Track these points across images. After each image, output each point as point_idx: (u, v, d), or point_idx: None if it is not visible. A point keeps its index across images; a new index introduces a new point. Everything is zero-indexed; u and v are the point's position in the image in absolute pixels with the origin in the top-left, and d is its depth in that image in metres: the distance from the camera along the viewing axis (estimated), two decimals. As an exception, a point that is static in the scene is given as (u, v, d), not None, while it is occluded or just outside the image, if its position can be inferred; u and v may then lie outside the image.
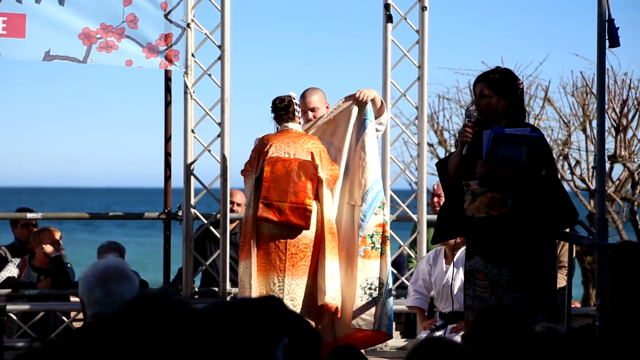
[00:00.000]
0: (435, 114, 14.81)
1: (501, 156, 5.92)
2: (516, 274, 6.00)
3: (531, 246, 6.00)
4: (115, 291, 4.00)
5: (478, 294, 6.07)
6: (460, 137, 6.16)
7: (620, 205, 13.32)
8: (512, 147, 5.90)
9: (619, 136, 12.63)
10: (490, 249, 6.05)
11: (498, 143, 5.89)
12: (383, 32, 8.53)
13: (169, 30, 8.26)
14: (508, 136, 5.90)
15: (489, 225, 6.05)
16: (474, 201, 6.12)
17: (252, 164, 7.41)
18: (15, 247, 9.09)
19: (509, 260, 6.00)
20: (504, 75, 6.19)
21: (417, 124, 8.66)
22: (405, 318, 8.98)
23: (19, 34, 8.02)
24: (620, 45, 5.37)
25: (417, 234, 8.57)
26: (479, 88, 6.18)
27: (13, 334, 8.46)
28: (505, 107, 6.15)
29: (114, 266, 4.07)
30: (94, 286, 4.01)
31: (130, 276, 4.04)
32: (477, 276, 6.09)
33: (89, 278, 4.03)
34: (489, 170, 5.95)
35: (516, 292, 5.99)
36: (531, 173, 5.93)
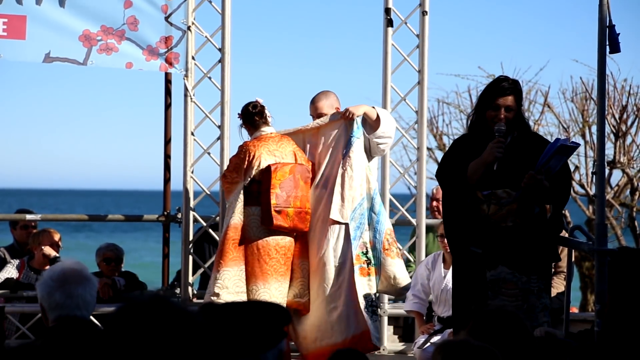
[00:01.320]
0: (434, 118, 14.82)
1: (547, 167, 5.94)
2: (543, 280, 6.07)
3: (550, 252, 6.11)
4: (75, 293, 4.01)
5: (507, 303, 6.00)
6: (494, 151, 6.06)
7: (619, 211, 13.32)
8: (560, 158, 5.96)
9: (618, 142, 12.64)
10: (518, 257, 6.03)
11: (554, 154, 5.93)
12: (383, 36, 8.54)
13: (169, 33, 8.27)
14: (567, 148, 5.97)
15: (516, 233, 6.02)
16: (501, 210, 6.06)
17: (238, 172, 7.40)
18: (14, 249, 9.09)
19: (537, 268, 6.05)
20: (519, 86, 6.27)
21: (417, 128, 8.66)
22: (403, 322, 8.98)
23: (20, 35, 8.03)
24: (620, 51, 5.38)
25: (416, 238, 8.57)
26: (504, 101, 6.13)
27: (11, 335, 8.46)
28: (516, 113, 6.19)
29: (71, 268, 4.06)
30: (54, 290, 4.02)
31: (89, 277, 4.04)
32: (505, 286, 6.03)
33: (48, 282, 4.03)
34: (538, 181, 5.95)
35: (544, 297, 6.06)
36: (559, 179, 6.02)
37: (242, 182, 7.37)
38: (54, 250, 8.62)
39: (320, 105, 7.65)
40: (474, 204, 6.12)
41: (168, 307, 2.26)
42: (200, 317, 2.24)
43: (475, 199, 6.11)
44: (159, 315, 2.24)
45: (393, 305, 8.50)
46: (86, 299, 4.00)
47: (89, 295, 4.02)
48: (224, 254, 7.34)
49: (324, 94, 7.73)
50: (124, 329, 2.22)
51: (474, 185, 6.12)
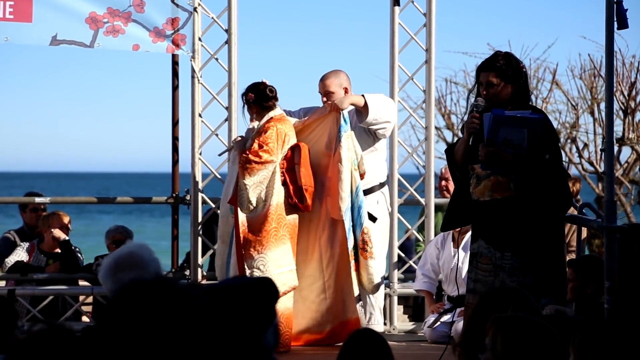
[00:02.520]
0: (442, 97, 14.80)
1: (502, 139, 5.87)
2: (518, 258, 5.96)
3: (534, 230, 5.96)
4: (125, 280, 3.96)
5: (480, 278, 6.05)
6: (467, 127, 6.10)
7: (628, 188, 13.30)
8: (513, 130, 5.85)
9: (627, 119, 12.61)
10: (494, 233, 6.03)
11: (498, 125, 5.85)
12: (390, 15, 8.51)
13: (175, 15, 8.25)
14: (507, 118, 5.86)
15: (493, 208, 6.03)
16: (479, 185, 6.10)
17: (273, 151, 7.40)
18: (24, 232, 9.11)
19: (511, 244, 5.97)
20: (508, 60, 6.13)
21: (425, 108, 8.64)
22: (413, 302, 8.99)
23: (26, 18, 8.02)
24: (628, 27, 5.34)
25: (425, 217, 8.57)
26: (485, 77, 6.10)
27: (22, 317, 8.49)
28: (511, 93, 6.11)
29: (125, 254, 4.02)
30: (107, 278, 3.99)
31: (143, 264, 3.96)
32: (480, 260, 6.07)
33: (104, 270, 4.00)
34: (490, 153, 5.91)
35: (518, 276, 5.95)
36: (533, 156, 5.90)
37: (276, 161, 7.40)
38: (64, 233, 8.63)
39: (329, 82, 7.63)
40: (467, 180, 6.20)
41: (169, 287, 2.26)
42: (203, 299, 2.24)
43: (468, 175, 6.19)
44: (160, 296, 2.23)
45: (403, 285, 8.51)
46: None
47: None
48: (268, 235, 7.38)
49: (334, 73, 7.70)
50: (125, 311, 2.22)
51: (461, 163, 6.16)
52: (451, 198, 6.44)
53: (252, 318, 3.15)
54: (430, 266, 8.00)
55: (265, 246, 7.35)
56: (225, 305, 2.99)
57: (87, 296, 8.70)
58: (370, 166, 7.60)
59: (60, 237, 8.59)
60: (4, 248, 8.83)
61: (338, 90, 7.60)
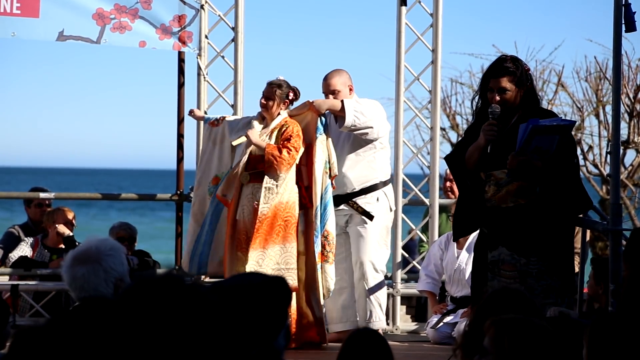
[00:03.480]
0: (447, 98, 14.78)
1: (534, 147, 5.84)
2: (545, 262, 5.93)
3: (557, 233, 5.96)
4: (78, 274, 3.98)
5: (505, 285, 5.91)
6: (486, 135, 5.98)
7: (632, 191, 13.28)
8: (546, 137, 5.82)
9: (632, 122, 12.59)
10: (518, 239, 5.96)
11: (534, 135, 5.80)
12: (397, 15, 8.51)
13: (182, 12, 8.26)
14: (544, 128, 5.82)
15: (517, 214, 5.96)
16: (499, 191, 6.00)
17: (299, 150, 7.48)
18: (29, 227, 9.12)
19: (537, 249, 5.93)
20: (517, 64, 6.09)
21: (430, 108, 8.64)
22: (416, 302, 8.99)
23: (33, 13, 8.03)
24: (636, 29, 5.34)
25: (429, 218, 8.56)
26: (496, 83, 6.03)
27: (25, 312, 8.50)
28: (521, 96, 6.07)
29: (83, 249, 4.04)
30: (64, 271, 4.04)
31: (98, 258, 3.98)
32: (503, 267, 5.98)
33: (64, 263, 4.04)
34: (522, 162, 5.85)
35: (546, 279, 5.92)
36: (560, 160, 5.88)
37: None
38: (68, 229, 8.64)
39: (333, 82, 7.62)
40: (478, 186, 6.10)
41: (180, 285, 2.25)
42: (213, 297, 2.22)
43: (479, 181, 6.10)
44: (171, 293, 2.22)
45: (406, 285, 8.51)
46: (90, 281, 3.95)
47: (94, 278, 3.95)
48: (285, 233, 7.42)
49: (337, 72, 7.69)
50: (135, 308, 2.21)
51: (473, 168, 6.09)
52: (459, 204, 6.37)
53: (265, 320, 3.13)
54: (434, 267, 8.00)
55: (268, 242, 7.34)
56: (238, 305, 2.97)
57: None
58: (368, 164, 7.57)
59: (64, 233, 8.59)
60: (8, 243, 8.83)
61: (343, 89, 7.59)
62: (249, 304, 3.11)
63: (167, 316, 2.19)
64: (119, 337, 2.17)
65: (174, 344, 2.17)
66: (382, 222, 7.62)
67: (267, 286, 3.23)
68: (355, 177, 7.57)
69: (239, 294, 3.11)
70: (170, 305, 2.20)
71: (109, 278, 3.98)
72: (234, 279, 3.53)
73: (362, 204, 7.56)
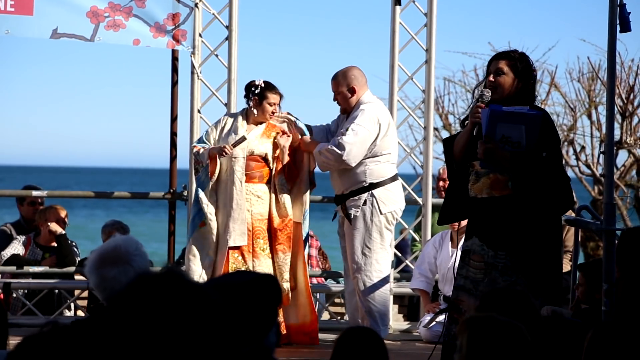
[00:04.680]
0: (440, 97, 14.79)
1: (500, 135, 5.79)
2: (512, 258, 5.90)
3: (531, 230, 5.90)
4: (109, 276, 3.94)
5: (471, 275, 5.99)
6: (471, 117, 6.01)
7: (624, 192, 13.31)
8: (510, 126, 5.77)
9: (624, 122, 12.62)
10: (489, 231, 5.97)
11: (496, 121, 5.77)
12: (391, 14, 8.51)
13: (176, 10, 8.25)
14: (505, 114, 5.78)
15: (490, 206, 5.97)
16: (477, 182, 6.04)
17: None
18: (21, 225, 9.11)
19: (506, 244, 5.92)
20: (523, 56, 6.12)
21: (424, 108, 8.65)
22: (408, 301, 9.00)
23: (27, 11, 8.02)
24: (631, 30, 5.33)
25: (422, 217, 8.57)
26: (495, 65, 6.05)
27: (17, 311, 8.49)
28: (517, 89, 6.06)
29: (110, 248, 4.00)
30: (91, 273, 3.99)
31: (128, 258, 3.95)
32: (472, 257, 6.00)
33: (89, 264, 4.01)
34: (488, 150, 5.84)
35: (510, 276, 5.89)
36: (532, 154, 5.84)
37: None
38: (60, 227, 8.63)
39: (333, 85, 7.58)
40: (465, 174, 6.14)
41: (181, 281, 2.24)
42: (215, 294, 2.22)
43: (465, 169, 6.14)
44: (173, 289, 2.22)
45: (398, 284, 8.51)
46: (121, 281, 3.89)
47: (125, 278, 3.88)
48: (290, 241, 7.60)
49: (342, 72, 7.57)
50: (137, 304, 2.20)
51: (461, 156, 6.10)
52: (447, 191, 6.38)
53: (257, 317, 3.13)
54: (428, 265, 8.00)
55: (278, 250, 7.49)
56: (231, 303, 2.97)
57: (83, 290, 8.70)
58: (358, 167, 7.47)
59: (56, 231, 8.59)
60: (0, 241, 8.82)
61: (344, 91, 7.50)
62: (239, 302, 3.12)
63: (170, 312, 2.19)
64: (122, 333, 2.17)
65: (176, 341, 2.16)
66: (370, 225, 7.49)
67: (257, 284, 3.24)
68: (344, 179, 7.53)
69: (230, 292, 3.12)
70: (173, 302, 2.20)
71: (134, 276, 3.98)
72: (225, 277, 3.54)
73: (349, 206, 7.52)
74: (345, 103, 7.52)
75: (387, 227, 7.55)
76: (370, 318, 7.46)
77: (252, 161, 7.51)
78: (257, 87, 7.54)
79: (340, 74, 7.55)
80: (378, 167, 7.53)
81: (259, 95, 7.52)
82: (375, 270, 7.49)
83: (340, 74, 7.55)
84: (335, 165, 7.44)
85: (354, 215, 7.47)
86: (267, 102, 7.53)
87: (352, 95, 7.51)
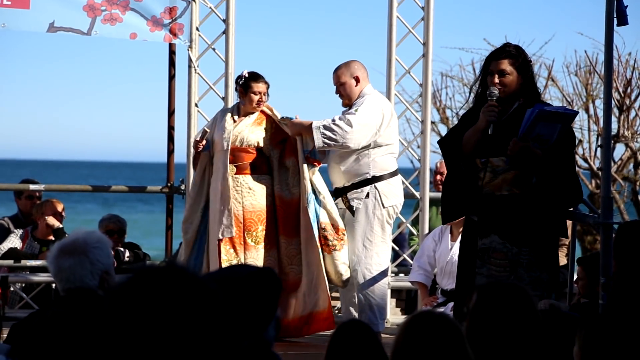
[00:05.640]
0: (437, 91, 14.79)
1: (535, 134, 5.82)
2: (536, 254, 5.92)
3: (549, 225, 5.94)
4: (64, 266, 3.99)
5: (494, 273, 5.94)
6: (487, 116, 5.97)
7: (621, 185, 13.32)
8: (548, 125, 5.81)
9: (622, 116, 12.63)
10: (511, 228, 5.94)
11: (539, 121, 5.78)
12: (388, 8, 8.51)
13: (173, 4, 8.25)
14: (549, 114, 5.81)
15: (511, 203, 5.95)
16: (495, 178, 6.00)
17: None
18: (18, 219, 9.11)
19: (530, 240, 5.92)
20: (519, 50, 6.11)
21: (421, 102, 8.64)
22: (406, 295, 9.00)
23: (24, 4, 8.00)
24: (628, 23, 5.33)
25: (420, 211, 8.57)
26: (496, 65, 6.03)
27: (15, 304, 8.49)
28: (521, 84, 6.06)
29: (70, 240, 4.05)
30: (50, 262, 4.05)
31: (85, 250, 3.99)
32: (494, 255, 5.96)
33: (49, 254, 4.08)
34: (523, 149, 5.83)
35: (535, 271, 5.91)
36: (558, 151, 5.87)
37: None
38: (58, 221, 8.63)
39: (339, 73, 7.53)
40: (472, 172, 6.09)
41: (183, 274, 2.24)
42: (216, 286, 2.21)
43: (473, 167, 6.09)
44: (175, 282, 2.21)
45: (396, 279, 8.51)
46: (76, 272, 3.96)
47: (80, 269, 3.95)
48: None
49: (345, 64, 7.57)
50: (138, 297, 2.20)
51: (470, 153, 6.07)
52: (448, 188, 6.32)
53: (256, 311, 3.13)
54: (427, 258, 7.99)
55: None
56: (231, 296, 2.96)
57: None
58: (360, 159, 7.44)
59: (54, 225, 8.59)
60: (-2, 235, 8.83)
61: (348, 80, 7.48)
62: (239, 295, 3.11)
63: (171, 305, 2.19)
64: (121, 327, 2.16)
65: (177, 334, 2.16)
66: (372, 218, 7.49)
67: (256, 277, 3.24)
68: (346, 171, 7.52)
69: (230, 285, 3.11)
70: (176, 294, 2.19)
71: (95, 270, 3.99)
72: (224, 271, 3.53)
73: (351, 198, 7.52)
74: (350, 93, 7.47)
75: (389, 220, 7.55)
76: (369, 311, 7.44)
77: (243, 152, 7.49)
78: (242, 78, 7.56)
79: (342, 65, 7.56)
80: (382, 159, 7.51)
81: (243, 86, 7.53)
82: (375, 264, 7.48)
83: (342, 65, 7.56)
84: (337, 143, 7.35)
85: (356, 208, 7.46)
86: (251, 92, 7.51)
87: (357, 84, 7.50)
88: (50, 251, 4.09)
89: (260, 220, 7.45)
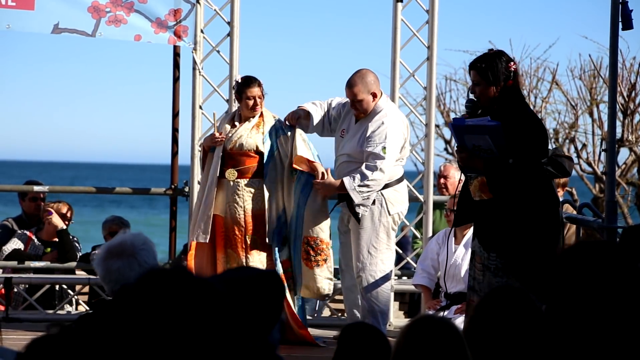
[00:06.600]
0: (442, 95, 14.80)
1: (471, 145, 5.97)
2: (502, 259, 6.03)
3: (518, 231, 5.97)
4: (113, 268, 4.02)
5: (476, 276, 6.17)
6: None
7: (625, 190, 13.31)
8: (477, 137, 5.95)
9: (626, 120, 12.62)
10: (483, 233, 6.14)
11: (461, 133, 5.97)
12: (393, 11, 8.50)
13: (178, 6, 8.25)
14: (466, 127, 5.97)
15: (482, 208, 6.14)
16: (471, 184, 6.21)
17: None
18: (22, 220, 9.11)
19: (496, 245, 6.06)
20: (490, 62, 6.10)
21: (425, 105, 8.64)
22: (409, 298, 9.00)
23: (28, 6, 8.01)
24: (633, 27, 5.34)
25: (423, 214, 8.57)
26: (471, 76, 6.20)
27: (18, 306, 8.49)
28: (496, 93, 6.09)
29: (117, 242, 4.09)
30: (97, 265, 4.08)
31: (133, 252, 4.02)
32: (475, 258, 6.19)
33: (97, 257, 4.13)
34: (463, 158, 6.04)
35: (502, 277, 6.02)
36: (505, 159, 5.96)
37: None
38: (63, 222, 8.64)
39: (356, 90, 7.32)
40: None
41: (190, 276, 2.24)
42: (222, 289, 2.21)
43: None
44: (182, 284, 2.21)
45: (399, 281, 8.51)
46: (125, 274, 3.98)
47: (129, 271, 3.98)
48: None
49: (360, 78, 7.36)
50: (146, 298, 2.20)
51: None
52: (460, 194, 6.47)
53: (261, 314, 3.13)
54: (430, 261, 7.98)
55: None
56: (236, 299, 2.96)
57: (84, 286, 8.70)
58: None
59: (58, 225, 8.59)
60: (2, 236, 8.84)
61: (366, 97, 7.31)
62: (243, 298, 3.11)
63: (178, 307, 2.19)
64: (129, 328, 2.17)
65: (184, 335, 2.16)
66: (378, 225, 7.44)
67: (261, 280, 3.23)
68: None
69: (234, 288, 3.11)
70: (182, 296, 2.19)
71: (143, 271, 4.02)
72: (228, 273, 3.53)
73: (356, 205, 7.47)
74: (367, 108, 7.34)
75: (394, 227, 7.54)
76: (372, 317, 7.43)
77: (244, 156, 7.50)
78: (236, 85, 7.61)
79: (358, 81, 7.34)
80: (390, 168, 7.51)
81: (237, 93, 7.58)
82: (380, 270, 7.46)
83: (358, 81, 7.34)
84: (377, 189, 7.39)
85: (362, 214, 7.43)
86: (245, 98, 7.54)
87: (374, 99, 7.37)
88: (97, 254, 4.15)
89: (262, 223, 7.45)
